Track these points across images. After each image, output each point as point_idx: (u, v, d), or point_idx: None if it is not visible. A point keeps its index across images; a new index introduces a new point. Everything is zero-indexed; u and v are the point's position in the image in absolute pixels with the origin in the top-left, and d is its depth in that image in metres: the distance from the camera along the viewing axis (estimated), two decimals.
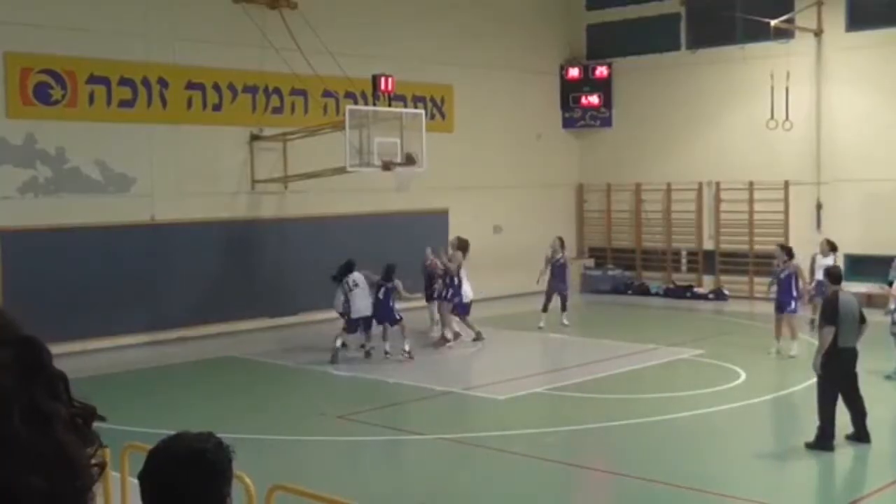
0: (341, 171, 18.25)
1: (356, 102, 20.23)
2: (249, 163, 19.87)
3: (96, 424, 1.30)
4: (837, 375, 10.45)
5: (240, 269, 19.59)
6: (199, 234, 18.90)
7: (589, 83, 26.11)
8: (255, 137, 19.83)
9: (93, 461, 1.26)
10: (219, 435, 2.57)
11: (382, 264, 22.11)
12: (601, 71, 26.01)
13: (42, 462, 1.16)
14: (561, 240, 20.59)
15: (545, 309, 19.77)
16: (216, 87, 19.32)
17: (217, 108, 19.36)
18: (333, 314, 21.47)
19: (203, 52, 18.89)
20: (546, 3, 25.96)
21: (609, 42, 26.11)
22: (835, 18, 22.56)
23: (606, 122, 26.28)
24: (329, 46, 19.17)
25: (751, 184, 23.75)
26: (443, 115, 23.38)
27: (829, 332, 10.38)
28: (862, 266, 22.15)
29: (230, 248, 19.54)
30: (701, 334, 18.86)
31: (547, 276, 20.13)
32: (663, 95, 25.11)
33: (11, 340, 1.19)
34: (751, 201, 23.89)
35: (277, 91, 20.19)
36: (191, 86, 18.97)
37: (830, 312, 10.51)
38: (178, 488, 2.39)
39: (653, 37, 25.24)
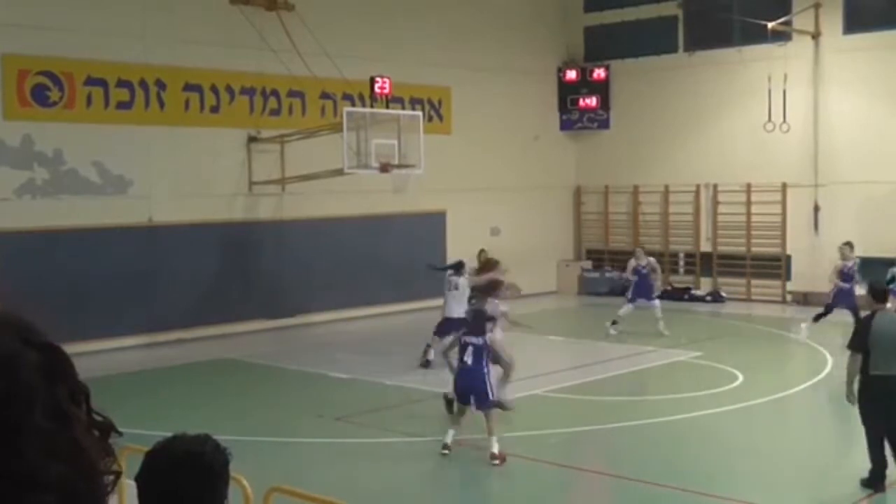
0: (339, 172, 18.24)
1: (354, 104, 20.24)
2: (247, 165, 19.86)
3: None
4: (873, 410, 9.03)
5: (237, 270, 19.57)
6: (197, 235, 18.88)
7: (586, 85, 26.12)
8: (252, 139, 19.82)
9: (110, 469, 1.32)
10: (216, 437, 2.57)
11: (382, 265, 22.21)
12: (599, 73, 26.03)
13: (62, 456, 1.21)
14: (850, 245, 18.39)
15: (817, 319, 17.89)
16: (214, 89, 19.32)
17: (215, 109, 19.35)
18: (330, 316, 21.51)
19: (200, 54, 18.88)
20: (544, 5, 25.98)
21: (607, 44, 26.12)
22: (832, 21, 22.58)
23: (604, 124, 26.29)
24: (326, 48, 19.16)
25: (748, 186, 23.76)
26: (440, 117, 23.38)
27: (855, 360, 9.11)
28: (859, 268, 22.16)
29: (228, 249, 19.52)
30: (698, 336, 18.86)
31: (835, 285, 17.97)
32: (661, 97, 25.12)
33: (39, 345, 1.25)
34: (748, 203, 23.90)
35: (275, 93, 20.19)
36: (188, 87, 18.96)
37: (861, 336, 9.21)
38: (176, 491, 2.38)
39: (650, 39, 25.27)
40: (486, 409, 10.25)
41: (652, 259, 19.59)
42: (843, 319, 20.70)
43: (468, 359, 10.39)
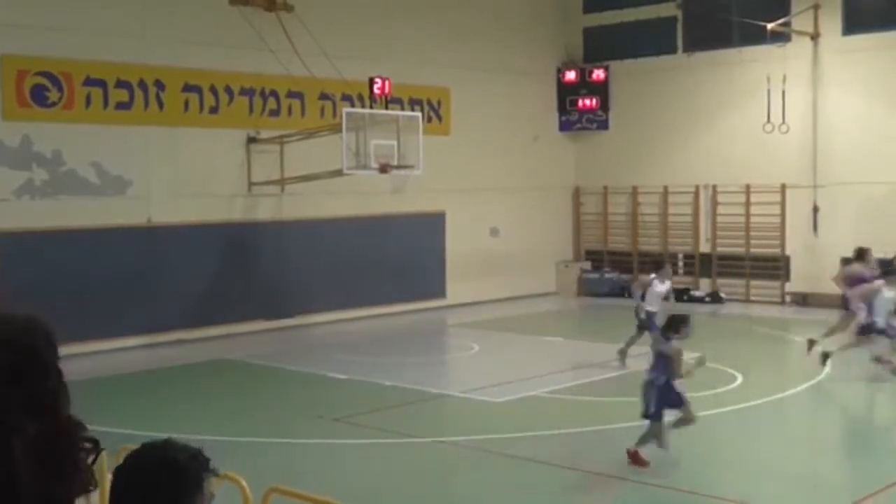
0: (338, 173, 18.26)
1: (353, 105, 20.24)
2: (246, 165, 19.85)
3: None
4: None
5: (237, 271, 19.56)
6: (196, 236, 18.87)
7: (586, 86, 26.13)
8: (251, 140, 19.81)
9: (87, 477, 1.23)
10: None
11: (382, 266, 22.17)
12: (598, 74, 26.03)
13: None
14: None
15: None
16: (213, 90, 19.30)
17: (214, 110, 19.34)
18: (330, 316, 21.49)
19: (200, 55, 18.87)
20: (543, 5, 25.99)
21: (606, 45, 26.13)
22: (831, 21, 22.60)
23: (603, 125, 26.29)
24: (325, 49, 19.17)
25: (747, 187, 23.77)
26: (439, 118, 23.38)
27: None
28: None
29: (227, 250, 19.51)
30: (697, 337, 18.80)
31: None
32: (660, 98, 25.13)
33: (6, 346, 1.19)
34: (747, 204, 23.90)
35: (274, 93, 20.18)
36: (187, 88, 18.95)
37: None
38: (140, 491, 2.37)
39: (649, 40, 25.28)
40: None
41: None
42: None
43: None
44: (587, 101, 26.13)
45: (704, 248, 24.83)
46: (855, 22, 22.38)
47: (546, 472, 10.33)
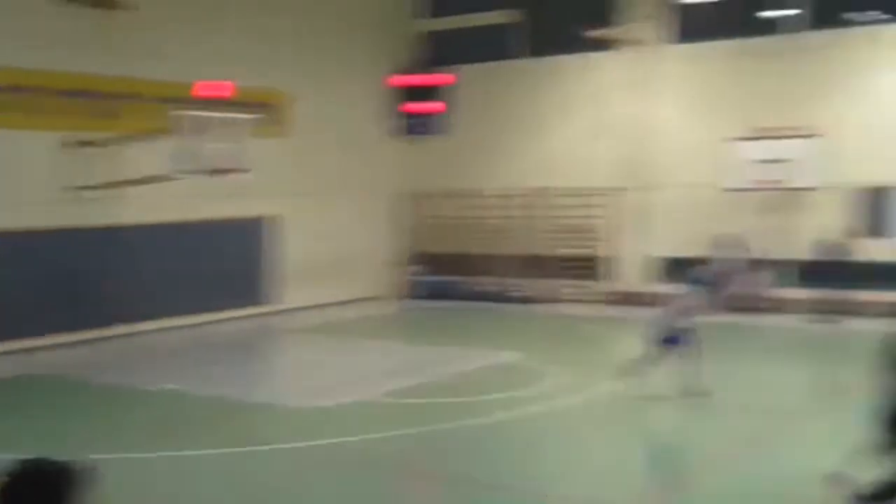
0: (168, 177, 17.80)
1: (187, 108, 19.74)
2: (69, 170, 18.95)
3: None
4: None
5: (52, 280, 18.44)
6: (7, 244, 17.78)
7: (426, 90, 26.32)
8: (75, 143, 19.02)
9: None
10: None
11: (216, 272, 21.49)
12: (439, 78, 26.26)
13: None
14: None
15: None
16: (35, 90, 18.43)
17: (34, 112, 18.45)
18: (156, 325, 20.80)
19: (25, 54, 18.00)
20: (384, 9, 26.10)
21: (448, 49, 26.53)
22: (664, 31, 23.85)
23: (443, 129, 26.51)
24: (158, 49, 18.69)
25: (578, 190, 24.52)
26: (277, 122, 23.11)
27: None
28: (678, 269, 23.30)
29: (44, 258, 18.44)
30: (521, 338, 19.26)
31: None
32: (500, 103, 25.74)
33: None
34: (576, 207, 24.60)
35: (104, 95, 19.44)
36: (6, 88, 18.02)
37: None
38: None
39: (491, 45, 25.96)
40: None
41: None
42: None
43: None
44: (428, 106, 26.34)
45: (539, 250, 25.42)
46: (687, 32, 23.67)
47: (376, 476, 10.37)
